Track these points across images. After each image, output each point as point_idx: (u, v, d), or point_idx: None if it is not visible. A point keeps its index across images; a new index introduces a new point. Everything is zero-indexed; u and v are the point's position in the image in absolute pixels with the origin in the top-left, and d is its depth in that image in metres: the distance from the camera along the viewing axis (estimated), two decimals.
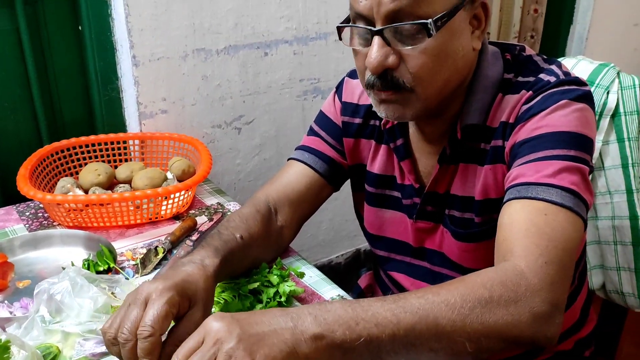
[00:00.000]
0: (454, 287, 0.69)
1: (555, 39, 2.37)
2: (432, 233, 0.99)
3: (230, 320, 0.62)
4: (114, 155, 1.40)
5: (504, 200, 0.81)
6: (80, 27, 1.35)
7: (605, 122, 1.19)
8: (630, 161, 1.18)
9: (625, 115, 1.18)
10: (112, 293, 0.91)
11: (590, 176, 0.88)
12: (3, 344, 0.76)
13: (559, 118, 0.81)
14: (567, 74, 0.86)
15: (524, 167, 0.80)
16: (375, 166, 1.03)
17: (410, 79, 0.81)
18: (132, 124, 1.45)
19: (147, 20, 1.34)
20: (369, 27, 0.80)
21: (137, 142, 1.42)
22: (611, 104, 1.18)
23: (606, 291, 1.30)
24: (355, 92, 1.05)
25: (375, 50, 0.79)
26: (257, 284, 0.93)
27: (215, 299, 0.94)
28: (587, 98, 0.83)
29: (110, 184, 1.32)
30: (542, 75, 0.86)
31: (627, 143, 1.19)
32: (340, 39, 0.87)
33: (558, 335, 0.72)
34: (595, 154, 1.21)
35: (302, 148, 1.08)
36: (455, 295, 0.68)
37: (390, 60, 0.80)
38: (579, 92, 0.83)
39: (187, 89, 1.47)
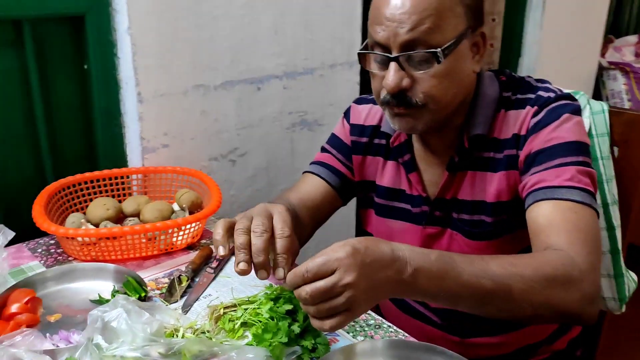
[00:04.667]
0: (528, 263, 0.81)
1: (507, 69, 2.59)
2: (439, 238, 1.10)
3: (360, 275, 0.71)
4: (118, 190, 1.42)
5: (530, 202, 0.93)
6: (85, 66, 1.38)
7: None
8: (604, 178, 1.31)
9: (597, 137, 1.33)
10: None
11: None
12: None
13: (566, 130, 0.96)
14: (560, 90, 1.02)
15: (543, 174, 0.93)
16: (385, 180, 1.14)
17: (422, 97, 0.94)
18: (134, 158, 1.47)
19: (153, 58, 1.39)
20: (386, 55, 0.92)
21: (140, 176, 1.45)
22: (585, 127, 1.33)
23: None
24: (362, 115, 1.17)
25: (392, 74, 0.92)
26: (291, 306, 0.99)
27: (252, 320, 0.99)
28: (579, 111, 1.00)
29: (117, 218, 1.34)
30: (540, 93, 1.00)
31: (600, 162, 1.32)
32: (360, 62, 0.99)
33: (597, 315, 0.85)
34: None
35: (316, 163, 1.20)
36: (528, 269, 0.80)
37: (404, 83, 0.93)
38: (573, 106, 0.99)
39: (187, 123, 1.52)
